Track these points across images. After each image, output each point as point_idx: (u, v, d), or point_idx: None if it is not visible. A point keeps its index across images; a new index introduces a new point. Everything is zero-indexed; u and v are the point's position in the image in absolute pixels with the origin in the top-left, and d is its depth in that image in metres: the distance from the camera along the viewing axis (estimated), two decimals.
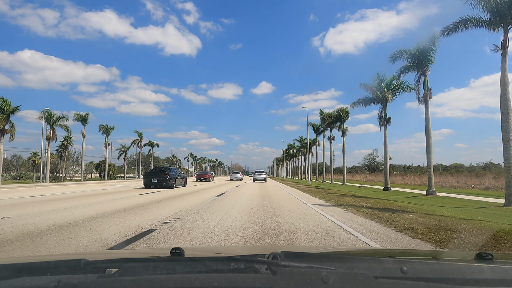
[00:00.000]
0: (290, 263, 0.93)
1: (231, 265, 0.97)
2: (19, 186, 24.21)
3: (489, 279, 0.97)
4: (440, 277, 0.96)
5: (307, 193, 16.74)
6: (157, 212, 7.81)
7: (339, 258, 1.22)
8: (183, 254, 1.17)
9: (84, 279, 0.90)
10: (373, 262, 1.14)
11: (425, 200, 14.97)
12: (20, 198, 11.91)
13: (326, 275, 0.82)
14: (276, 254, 1.02)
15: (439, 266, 1.08)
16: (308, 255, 1.31)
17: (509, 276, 1.00)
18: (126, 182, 32.74)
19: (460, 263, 1.20)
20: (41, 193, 14.30)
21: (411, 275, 0.93)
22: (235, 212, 8.00)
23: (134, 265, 1.04)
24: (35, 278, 0.94)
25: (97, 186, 22.42)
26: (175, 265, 1.05)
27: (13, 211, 7.67)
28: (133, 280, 0.87)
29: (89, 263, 1.01)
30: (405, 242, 4.77)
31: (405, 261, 1.20)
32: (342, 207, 9.69)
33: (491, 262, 1.09)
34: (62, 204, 9.53)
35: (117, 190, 16.91)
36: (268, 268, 0.90)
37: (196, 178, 40.03)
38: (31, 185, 26.63)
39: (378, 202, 11.93)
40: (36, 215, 6.96)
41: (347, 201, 11.52)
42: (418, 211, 8.72)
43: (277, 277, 0.84)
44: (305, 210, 8.77)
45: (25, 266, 1.09)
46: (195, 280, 0.85)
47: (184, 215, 7.32)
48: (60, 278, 0.88)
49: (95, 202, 10.22)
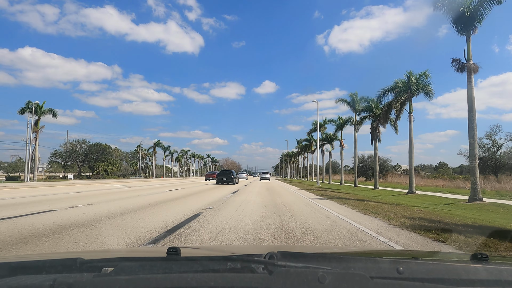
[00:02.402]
0: (286, 263, 0.93)
1: (228, 264, 0.97)
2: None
3: (484, 280, 0.97)
4: (435, 277, 0.96)
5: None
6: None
7: (335, 258, 1.22)
8: (179, 253, 1.17)
9: (80, 278, 0.89)
10: (369, 262, 1.15)
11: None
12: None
13: (322, 275, 0.82)
14: (273, 254, 1.02)
15: (435, 267, 1.08)
16: (305, 255, 1.31)
17: (504, 277, 1.01)
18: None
19: (456, 264, 1.21)
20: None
21: (407, 275, 0.93)
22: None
23: (130, 264, 1.03)
24: (30, 277, 0.93)
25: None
26: (171, 265, 1.05)
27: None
28: (129, 279, 0.87)
29: (85, 262, 1.01)
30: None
31: (401, 261, 1.20)
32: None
33: (486, 263, 1.10)
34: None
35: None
36: (265, 268, 0.90)
37: (205, 178, 43.56)
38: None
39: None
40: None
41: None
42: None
43: (273, 277, 0.84)
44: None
45: (20, 265, 1.08)
46: (192, 280, 0.85)
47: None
48: (56, 277, 0.88)
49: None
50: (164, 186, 22.27)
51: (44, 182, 31.87)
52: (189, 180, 43.36)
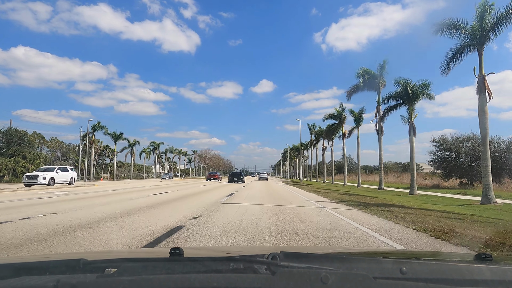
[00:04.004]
0: (289, 264, 0.93)
1: (230, 265, 0.97)
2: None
3: (488, 280, 0.97)
4: (439, 277, 0.96)
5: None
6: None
7: (338, 258, 1.22)
8: (182, 254, 1.17)
9: (83, 279, 0.89)
10: (372, 263, 1.15)
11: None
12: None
13: (325, 276, 0.82)
14: (276, 254, 1.02)
15: (438, 267, 1.08)
16: (308, 255, 1.31)
17: (508, 277, 1.00)
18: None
19: (459, 264, 1.20)
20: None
21: (410, 275, 0.93)
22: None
23: (133, 265, 1.04)
24: (34, 278, 0.93)
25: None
26: (174, 265, 1.05)
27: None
28: (132, 280, 0.87)
29: (88, 263, 1.01)
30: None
31: (404, 261, 1.20)
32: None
33: (490, 263, 1.09)
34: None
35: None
36: (268, 268, 0.90)
37: (206, 178, 44.25)
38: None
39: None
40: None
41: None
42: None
43: (276, 278, 0.84)
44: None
45: (24, 266, 1.09)
46: (194, 280, 0.85)
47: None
48: (59, 278, 0.88)
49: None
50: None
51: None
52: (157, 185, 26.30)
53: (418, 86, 20.18)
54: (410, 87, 19.91)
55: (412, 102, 20.32)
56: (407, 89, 19.92)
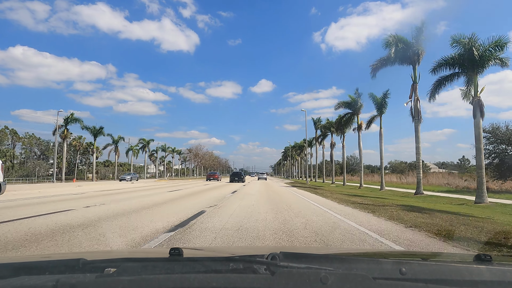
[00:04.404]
0: (289, 264, 0.93)
1: (230, 265, 0.97)
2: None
3: (488, 281, 0.97)
4: (438, 278, 0.96)
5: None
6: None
7: (338, 259, 1.22)
8: (182, 254, 1.17)
9: (82, 279, 0.89)
10: (372, 263, 1.15)
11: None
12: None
13: (325, 276, 0.82)
14: (275, 254, 1.02)
15: (438, 268, 1.08)
16: (307, 255, 1.31)
17: (508, 278, 1.00)
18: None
19: (459, 265, 1.20)
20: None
21: (409, 276, 0.93)
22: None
23: (132, 265, 1.04)
24: (33, 278, 0.94)
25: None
26: (173, 265, 1.05)
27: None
28: (131, 280, 0.87)
29: (88, 263, 1.01)
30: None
31: (404, 262, 1.20)
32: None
33: (490, 263, 1.09)
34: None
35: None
36: (267, 268, 0.90)
37: (206, 178, 44.79)
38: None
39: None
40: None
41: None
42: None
43: (275, 278, 0.84)
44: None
45: (24, 266, 1.09)
46: (194, 280, 0.85)
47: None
48: (59, 278, 0.88)
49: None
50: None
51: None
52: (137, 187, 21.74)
53: (487, 46, 13.78)
54: (476, 47, 13.68)
55: (478, 69, 14.12)
56: (471, 51, 13.66)
